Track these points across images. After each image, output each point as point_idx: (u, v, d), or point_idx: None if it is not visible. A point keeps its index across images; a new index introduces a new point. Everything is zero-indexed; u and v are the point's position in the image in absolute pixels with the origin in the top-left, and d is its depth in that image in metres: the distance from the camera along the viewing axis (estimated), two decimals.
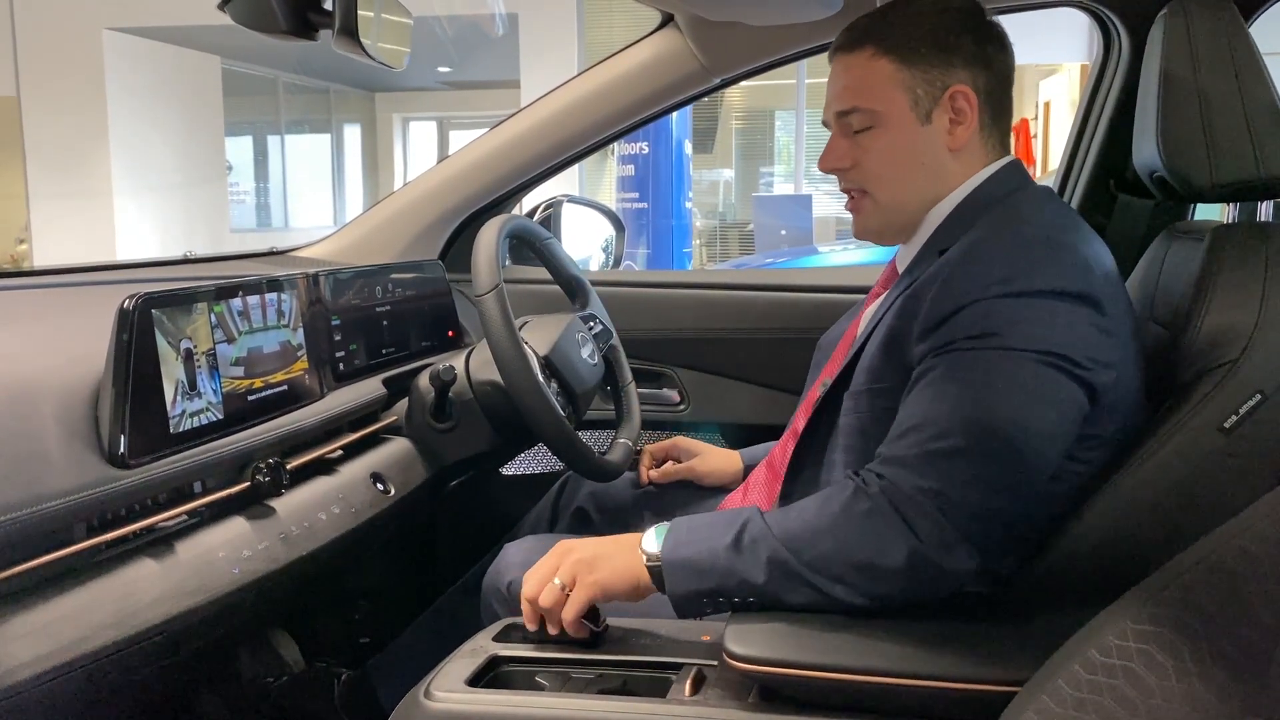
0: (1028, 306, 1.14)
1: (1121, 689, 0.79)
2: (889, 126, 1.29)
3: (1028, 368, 1.12)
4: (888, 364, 1.23)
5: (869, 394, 1.25)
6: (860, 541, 1.10)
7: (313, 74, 13.53)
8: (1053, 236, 1.20)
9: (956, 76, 1.28)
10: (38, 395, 1.06)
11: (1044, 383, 1.12)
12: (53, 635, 0.98)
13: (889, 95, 1.28)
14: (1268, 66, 1.33)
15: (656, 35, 1.96)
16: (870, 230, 1.36)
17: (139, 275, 1.79)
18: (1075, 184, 1.94)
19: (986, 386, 1.12)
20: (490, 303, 1.52)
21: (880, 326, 1.27)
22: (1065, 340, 1.13)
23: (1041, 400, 1.12)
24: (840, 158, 1.33)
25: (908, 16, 1.30)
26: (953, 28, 1.29)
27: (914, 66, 1.27)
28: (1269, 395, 1.16)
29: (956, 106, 1.28)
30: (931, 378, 1.15)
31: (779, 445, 1.48)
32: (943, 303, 1.17)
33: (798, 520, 1.14)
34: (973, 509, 1.09)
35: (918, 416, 1.14)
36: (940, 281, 1.19)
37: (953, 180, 1.30)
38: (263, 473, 1.27)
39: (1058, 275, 1.16)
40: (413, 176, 2.18)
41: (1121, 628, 0.81)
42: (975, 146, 1.30)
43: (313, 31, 1.15)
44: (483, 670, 1.15)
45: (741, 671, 1.06)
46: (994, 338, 1.13)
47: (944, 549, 1.08)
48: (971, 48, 1.29)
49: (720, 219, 12.44)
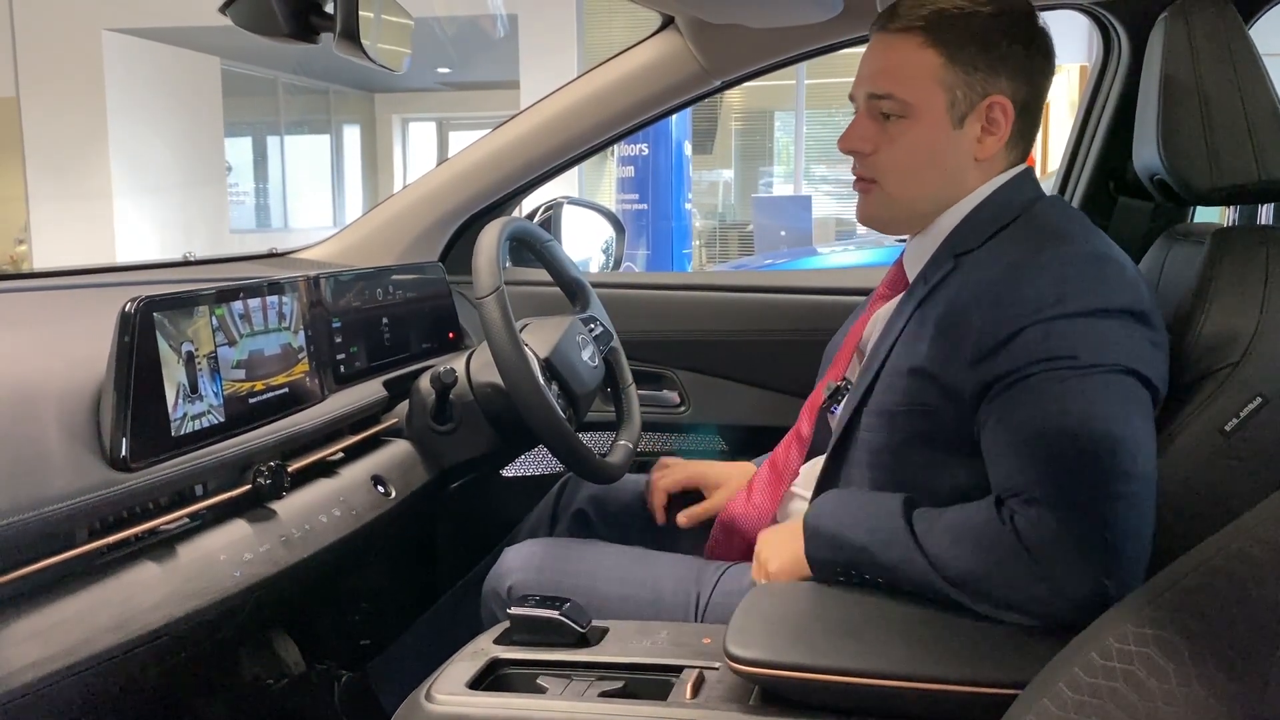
0: (1086, 326, 1.12)
1: (1122, 692, 0.79)
2: (920, 122, 1.25)
3: (1111, 382, 1.10)
4: (926, 388, 1.20)
5: (904, 415, 1.22)
6: (988, 574, 1.09)
7: (312, 75, 13.53)
8: (1098, 253, 1.19)
9: (999, 86, 1.24)
10: (39, 398, 1.06)
11: (1128, 394, 1.11)
12: (54, 639, 0.98)
13: (928, 90, 1.24)
14: (1268, 69, 1.33)
15: (657, 37, 1.96)
16: (874, 219, 1.33)
17: (139, 278, 1.79)
18: (1075, 186, 1.94)
19: (1080, 406, 1.09)
20: (491, 305, 1.52)
21: (905, 345, 1.23)
22: (1133, 357, 1.12)
23: (1133, 412, 1.11)
24: (863, 140, 1.28)
25: (962, 10, 1.24)
26: (1006, 32, 1.24)
27: (959, 65, 1.23)
28: (1270, 399, 1.16)
29: (992, 117, 1.25)
30: (1014, 406, 1.12)
31: (782, 447, 1.47)
32: (997, 326, 1.14)
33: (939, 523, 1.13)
34: (1108, 539, 1.06)
35: (1020, 449, 1.11)
36: (988, 303, 1.16)
37: (968, 186, 1.28)
38: (264, 475, 1.27)
39: (1109, 293, 1.14)
40: (412, 177, 2.19)
41: (1122, 631, 0.81)
42: (999, 157, 1.28)
43: (314, 34, 1.15)
44: (484, 673, 1.16)
45: (742, 674, 1.06)
46: (1069, 359, 1.10)
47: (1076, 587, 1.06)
48: (1021, 58, 1.24)
49: (720, 220, 12.44)
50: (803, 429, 1.42)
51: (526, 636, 1.21)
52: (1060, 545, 1.06)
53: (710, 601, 1.38)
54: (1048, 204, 1.28)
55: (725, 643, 1.07)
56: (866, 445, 1.25)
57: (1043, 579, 1.06)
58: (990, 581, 1.09)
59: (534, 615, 1.21)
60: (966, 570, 1.10)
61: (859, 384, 1.28)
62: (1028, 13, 1.27)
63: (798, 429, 1.44)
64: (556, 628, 1.20)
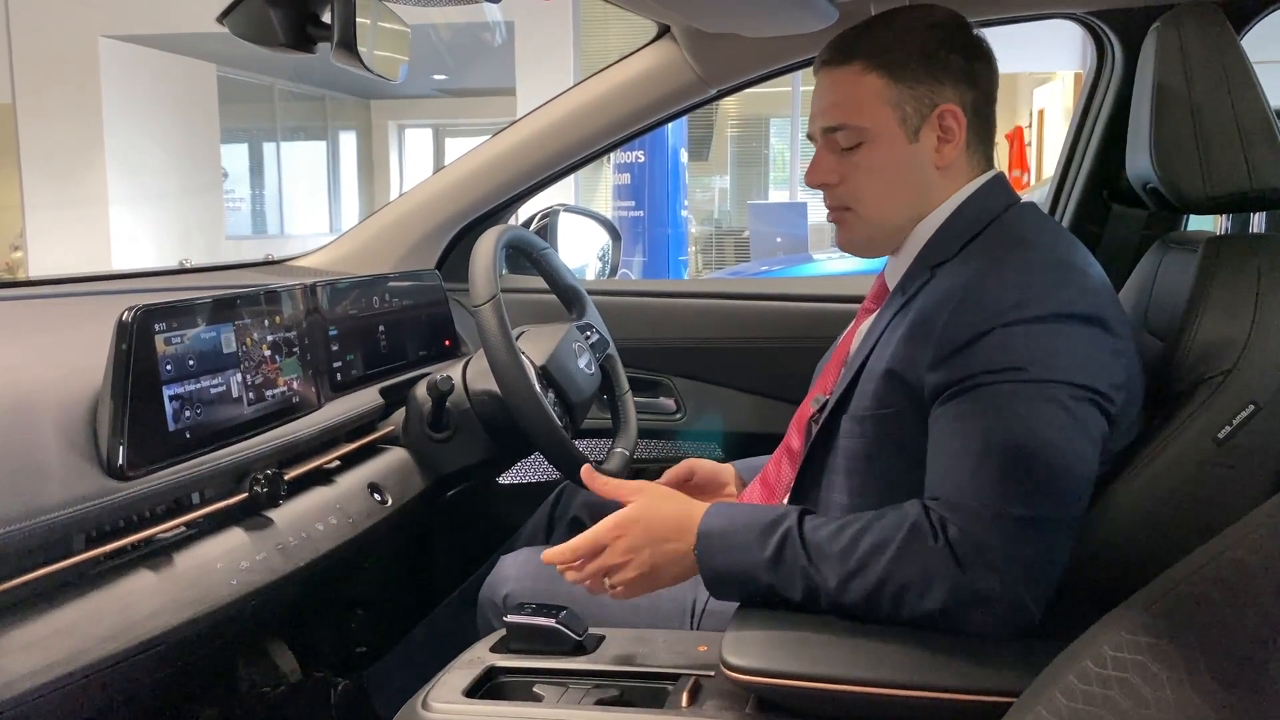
0: (1044, 333, 1.13)
1: (1116, 700, 0.79)
2: (876, 144, 1.28)
3: (1063, 402, 1.11)
4: (893, 390, 1.21)
5: (874, 420, 1.23)
6: (909, 582, 1.09)
7: (308, 81, 13.53)
8: (1060, 258, 1.20)
9: (945, 95, 1.27)
10: (36, 407, 1.06)
11: (1078, 416, 1.11)
12: (51, 648, 0.98)
13: (877, 112, 1.27)
14: (1260, 77, 1.34)
15: (653, 46, 1.97)
16: (855, 244, 1.35)
17: (137, 285, 1.79)
18: (1069, 194, 1.95)
19: (1027, 424, 1.10)
20: (488, 313, 1.53)
21: (880, 349, 1.25)
22: (1088, 370, 1.13)
23: (1079, 435, 1.11)
24: (827, 173, 1.31)
25: (896, 31, 1.28)
26: (943, 43, 1.27)
27: (903, 83, 1.26)
28: (1263, 405, 1.17)
29: (945, 125, 1.27)
30: (963, 413, 1.13)
31: (772, 462, 1.45)
32: (957, 330, 1.15)
33: (844, 546, 1.12)
34: (1034, 559, 1.08)
35: (963, 458, 1.11)
36: (951, 308, 1.17)
37: (938, 196, 1.29)
38: (260, 483, 1.27)
39: (1069, 299, 1.15)
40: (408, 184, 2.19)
41: (1117, 639, 0.81)
42: (961, 163, 1.30)
43: (311, 44, 1.15)
44: (480, 681, 1.16)
45: (738, 682, 1.06)
46: (1021, 370, 1.11)
47: (997, 599, 1.07)
48: (961, 65, 1.28)
49: (715, 226, 12.45)
50: (793, 443, 1.41)
51: (523, 644, 1.22)
52: (990, 556, 1.07)
53: (706, 608, 1.38)
54: (1018, 211, 1.29)
55: (721, 651, 1.07)
56: (844, 451, 1.26)
57: (966, 587, 1.07)
58: (908, 588, 1.08)
59: (531, 623, 1.22)
60: (855, 559, 1.10)
61: (835, 393, 1.30)
62: (961, 24, 1.30)
63: (787, 444, 1.43)
64: (553, 636, 1.20)
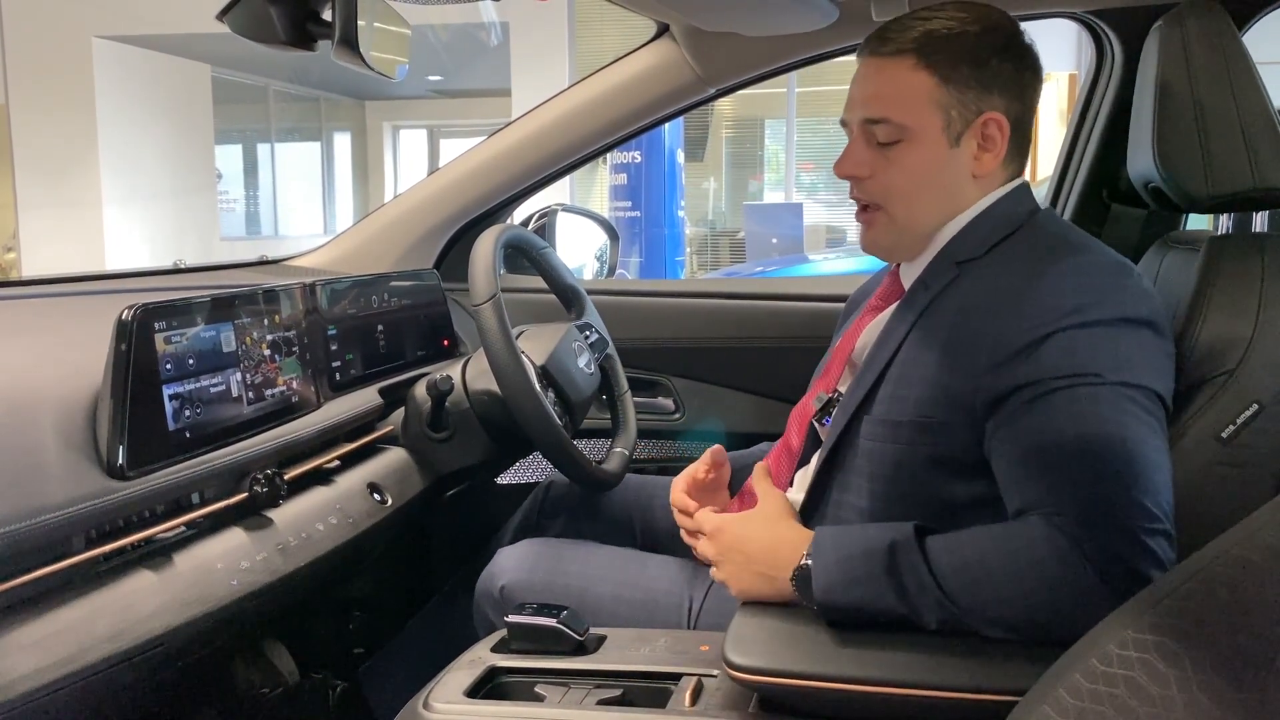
0: (1108, 336, 1.11)
1: (1123, 698, 0.79)
2: (916, 144, 1.24)
3: (1142, 405, 1.09)
4: (938, 399, 1.17)
5: (911, 427, 1.18)
6: (1049, 598, 1.03)
7: (303, 82, 13.51)
8: (1117, 262, 1.19)
9: (992, 103, 1.23)
10: (35, 407, 1.06)
11: (1152, 421, 1.10)
12: (51, 648, 0.97)
13: (923, 112, 1.23)
14: (1262, 77, 1.34)
15: (652, 45, 1.96)
16: (881, 247, 1.31)
17: (133, 285, 1.79)
18: (1069, 193, 1.95)
19: (1118, 429, 1.07)
20: (488, 313, 1.52)
21: (911, 351, 1.21)
22: (1152, 374, 1.12)
23: (1159, 439, 1.10)
24: (860, 165, 1.27)
25: (951, 30, 1.23)
26: (996, 50, 1.23)
27: (952, 85, 1.22)
28: (1266, 405, 1.17)
29: (988, 134, 1.24)
30: (1042, 421, 1.09)
31: (771, 459, 1.43)
32: (1017, 333, 1.12)
33: (974, 570, 1.06)
34: (1163, 563, 1.04)
35: (1062, 467, 1.07)
36: (1008, 310, 1.14)
37: (966, 201, 1.26)
38: (260, 483, 1.27)
39: (1127, 303, 1.14)
40: (403, 185, 2.19)
41: (1122, 637, 0.81)
42: (996, 172, 1.27)
43: (312, 42, 1.15)
44: (482, 681, 1.15)
45: (741, 681, 1.06)
46: (1090, 375, 1.09)
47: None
48: (1011, 74, 1.24)
49: (711, 227, 12.46)
50: (792, 441, 1.40)
51: (524, 644, 1.21)
52: (1132, 565, 1.02)
53: (703, 607, 1.38)
54: (1047, 215, 1.28)
55: (724, 650, 1.07)
56: (868, 454, 1.22)
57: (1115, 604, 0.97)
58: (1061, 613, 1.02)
59: (532, 623, 1.21)
60: (989, 582, 1.05)
61: (854, 392, 1.26)
62: (1015, 30, 1.27)
63: (786, 441, 1.41)
64: (554, 636, 1.20)
